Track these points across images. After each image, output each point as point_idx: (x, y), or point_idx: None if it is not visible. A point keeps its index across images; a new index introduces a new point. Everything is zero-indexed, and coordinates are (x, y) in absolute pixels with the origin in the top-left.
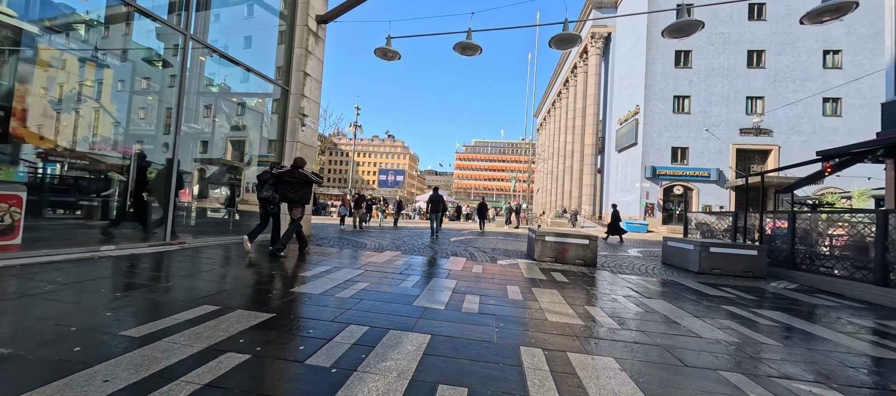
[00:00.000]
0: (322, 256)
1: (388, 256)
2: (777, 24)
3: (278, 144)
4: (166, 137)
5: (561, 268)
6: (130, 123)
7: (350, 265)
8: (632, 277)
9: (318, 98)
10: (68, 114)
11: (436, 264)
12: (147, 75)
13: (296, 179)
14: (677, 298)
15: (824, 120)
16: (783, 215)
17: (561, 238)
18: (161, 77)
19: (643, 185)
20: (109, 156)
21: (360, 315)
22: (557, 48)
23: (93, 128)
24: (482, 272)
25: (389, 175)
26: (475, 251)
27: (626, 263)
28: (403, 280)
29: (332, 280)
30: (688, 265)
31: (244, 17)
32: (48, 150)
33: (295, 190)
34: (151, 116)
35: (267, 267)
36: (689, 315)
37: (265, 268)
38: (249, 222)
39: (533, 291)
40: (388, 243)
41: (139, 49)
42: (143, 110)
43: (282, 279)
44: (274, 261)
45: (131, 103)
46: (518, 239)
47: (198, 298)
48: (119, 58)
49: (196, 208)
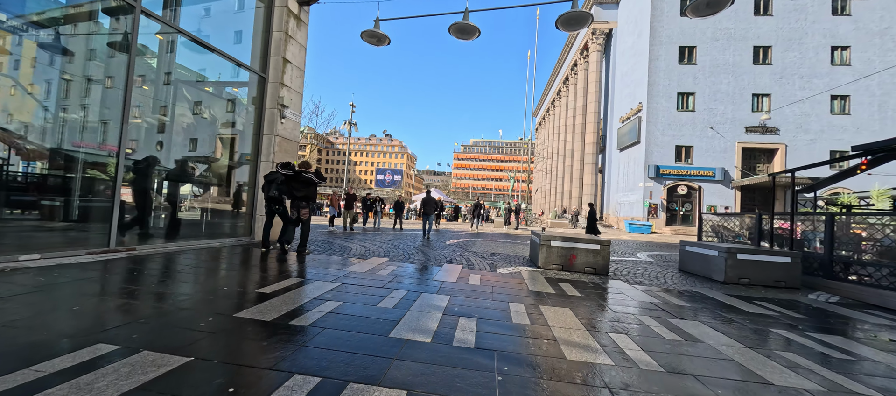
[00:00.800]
0: (297, 264)
1: (374, 263)
2: (784, 19)
3: (255, 138)
4: (114, 127)
5: (569, 277)
6: (67, 109)
7: (325, 276)
8: (652, 288)
9: (301, 88)
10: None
11: (427, 273)
12: (89, 53)
13: (302, 180)
14: (713, 318)
15: (832, 118)
16: (802, 216)
17: (569, 243)
18: (106, 56)
19: (646, 184)
20: (40, 146)
21: (315, 357)
22: (565, 29)
23: (7, 112)
24: (480, 283)
25: (387, 175)
26: (472, 256)
27: (639, 270)
28: (385, 297)
29: (294, 299)
30: (711, 274)
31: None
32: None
33: (301, 189)
34: (93, 101)
35: (223, 280)
36: (738, 345)
37: (220, 281)
38: (222, 222)
39: (541, 310)
40: (377, 248)
41: (76, 19)
42: (79, 93)
43: (233, 297)
44: (237, 271)
45: (67, 86)
46: (517, 242)
47: (98, 331)
48: (48, 28)
49: (164, 208)
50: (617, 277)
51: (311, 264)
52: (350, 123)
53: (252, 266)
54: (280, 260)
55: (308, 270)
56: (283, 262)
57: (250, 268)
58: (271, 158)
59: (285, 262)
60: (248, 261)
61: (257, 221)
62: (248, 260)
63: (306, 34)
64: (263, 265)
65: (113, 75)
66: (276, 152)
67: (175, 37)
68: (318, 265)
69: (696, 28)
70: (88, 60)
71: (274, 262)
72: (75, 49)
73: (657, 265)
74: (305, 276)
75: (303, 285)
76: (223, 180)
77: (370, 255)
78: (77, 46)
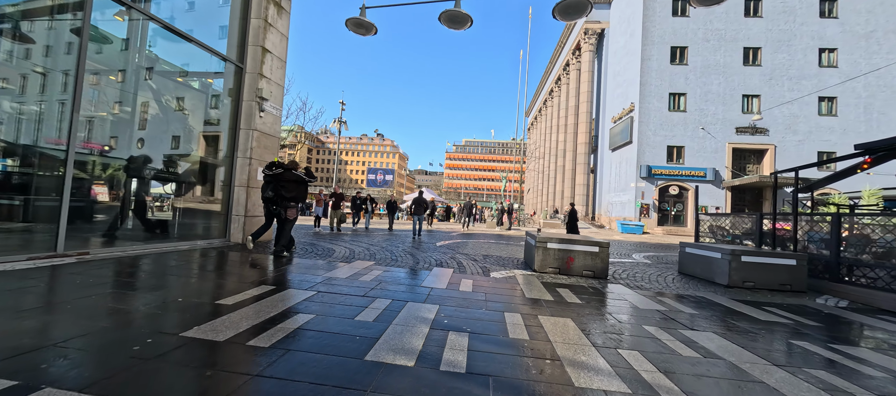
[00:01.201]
0: (273, 268)
1: (358, 268)
2: (773, 20)
3: (231, 132)
4: (64, 118)
5: (567, 282)
6: (7, 97)
7: (301, 283)
8: (655, 294)
9: (282, 80)
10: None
11: (415, 278)
12: (36, 36)
13: (290, 179)
14: (726, 327)
15: (820, 119)
16: (806, 217)
17: (566, 245)
18: (55, 39)
19: (638, 185)
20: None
21: (268, 391)
22: (562, 18)
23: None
24: (472, 289)
25: (378, 174)
26: (464, 258)
27: (638, 273)
28: (365, 308)
29: (259, 312)
30: (714, 277)
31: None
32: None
33: (289, 189)
34: (37, 89)
35: (181, 289)
36: (760, 361)
37: (177, 291)
38: (195, 223)
39: (540, 321)
40: (363, 251)
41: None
42: (22, 80)
43: (186, 310)
44: (202, 278)
45: (6, 72)
46: (510, 243)
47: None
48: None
49: (132, 208)
50: (616, 280)
51: (289, 269)
52: (340, 121)
53: (221, 272)
54: (254, 265)
55: (283, 276)
56: (258, 267)
57: (218, 274)
58: (249, 153)
59: (260, 267)
60: (219, 266)
61: (233, 221)
62: (218, 265)
63: (288, 23)
64: (234, 271)
65: (63, 61)
66: (255, 147)
67: (144, 23)
68: (297, 270)
69: (687, 28)
70: (34, 43)
71: (248, 266)
72: (19, 31)
73: (655, 267)
74: (279, 283)
75: (274, 293)
76: (195, 178)
77: (355, 258)
78: (22, 28)
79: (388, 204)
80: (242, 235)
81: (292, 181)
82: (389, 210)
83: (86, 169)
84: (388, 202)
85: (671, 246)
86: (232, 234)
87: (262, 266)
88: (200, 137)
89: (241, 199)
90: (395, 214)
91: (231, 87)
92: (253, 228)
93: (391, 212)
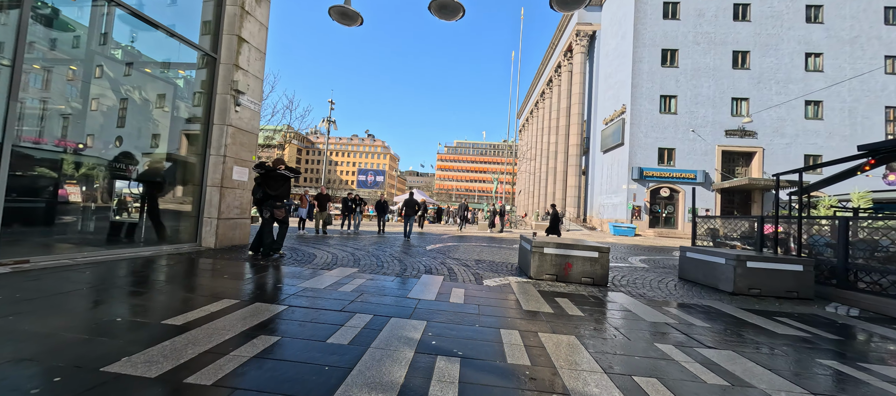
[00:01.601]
0: (242, 278)
1: (339, 275)
2: (761, 25)
3: (204, 128)
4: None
5: (565, 290)
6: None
7: (271, 296)
8: (660, 303)
9: (261, 73)
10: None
11: (401, 288)
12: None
13: (275, 177)
14: (743, 343)
15: (806, 123)
16: (810, 220)
17: (563, 250)
18: None
19: (630, 186)
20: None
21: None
22: (560, 8)
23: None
24: (464, 301)
25: (369, 175)
26: (455, 264)
27: (638, 279)
28: (340, 327)
29: (211, 335)
30: (717, 283)
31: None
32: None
33: (275, 187)
34: None
35: (125, 305)
36: (795, 388)
37: (120, 307)
38: (162, 225)
39: (541, 339)
40: (347, 256)
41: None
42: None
43: (121, 334)
44: (155, 291)
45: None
46: (503, 246)
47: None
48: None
49: (92, 210)
50: (617, 288)
51: (262, 277)
52: (329, 121)
53: (181, 283)
54: (223, 273)
55: (253, 286)
56: (227, 275)
57: (178, 285)
58: (223, 151)
59: (229, 275)
60: (182, 275)
61: (205, 224)
62: (182, 273)
63: (268, 12)
64: (198, 281)
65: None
66: (230, 144)
67: (108, 8)
68: (271, 279)
69: (677, 31)
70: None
71: (216, 275)
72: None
73: (654, 272)
74: (246, 295)
75: (237, 309)
76: (162, 177)
77: (337, 264)
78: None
79: (378, 205)
80: (215, 239)
81: (277, 179)
82: (379, 212)
83: (32, 166)
84: (378, 203)
85: (665, 249)
86: (203, 238)
87: (232, 275)
88: (169, 133)
89: (214, 200)
90: (385, 215)
91: (204, 79)
92: (227, 231)
93: (381, 213)
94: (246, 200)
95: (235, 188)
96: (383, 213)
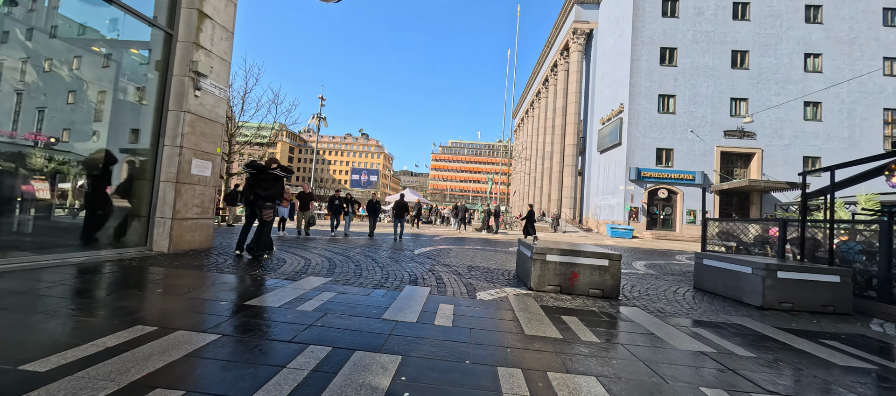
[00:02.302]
0: (180, 292)
1: (304, 287)
2: (760, 24)
3: (156, 114)
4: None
5: (572, 304)
6: None
7: (205, 319)
8: (681, 320)
9: (228, 54)
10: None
11: (377, 305)
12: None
13: (267, 176)
14: (804, 382)
15: (805, 124)
16: (845, 224)
17: (569, 258)
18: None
19: (628, 187)
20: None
21: None
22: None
23: None
24: (452, 323)
25: (363, 175)
26: (444, 271)
27: (650, 289)
28: (279, 370)
29: (90, 383)
30: (741, 296)
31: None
32: None
33: (266, 187)
34: None
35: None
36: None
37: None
38: (104, 226)
39: (552, 384)
40: (321, 262)
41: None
42: None
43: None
44: (54, 311)
45: None
46: (497, 249)
47: None
48: None
49: (17, 207)
50: (630, 301)
51: (205, 291)
52: (319, 117)
53: (95, 302)
54: (156, 286)
55: (187, 305)
56: (160, 289)
57: (86, 306)
58: (179, 141)
59: (164, 289)
60: (103, 289)
61: (157, 225)
62: (105, 287)
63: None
64: (116, 298)
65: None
66: (187, 133)
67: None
68: (215, 292)
69: (676, 30)
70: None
71: (147, 289)
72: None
73: (663, 280)
74: (171, 318)
75: (148, 341)
76: (99, 170)
77: (307, 272)
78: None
79: (369, 205)
80: (169, 242)
81: (269, 178)
82: (371, 212)
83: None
84: (370, 203)
85: (666, 252)
86: (155, 241)
87: (170, 288)
88: (112, 120)
89: (168, 197)
90: (377, 216)
91: (159, 58)
92: (184, 234)
93: (373, 214)
94: (208, 198)
95: (195, 184)
96: (375, 214)
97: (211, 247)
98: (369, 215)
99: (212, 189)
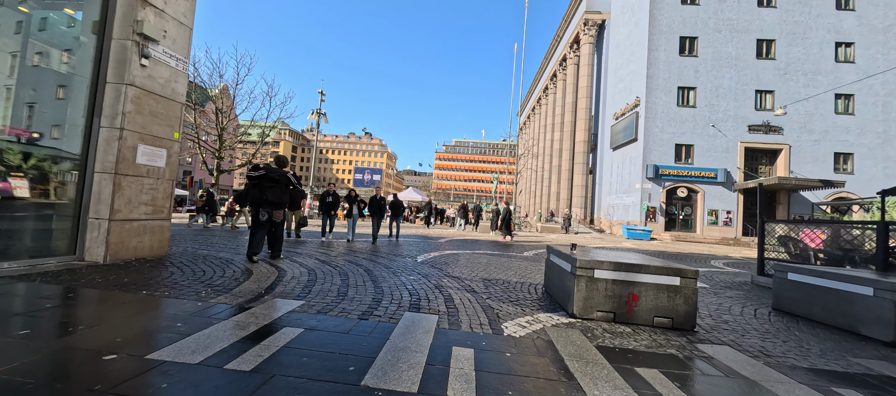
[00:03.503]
0: (86, 320)
1: (256, 319)
2: (787, 11)
3: (91, 88)
4: None
5: (637, 342)
6: None
7: (67, 388)
8: (798, 366)
9: (189, 19)
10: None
11: (358, 354)
12: None
13: (276, 179)
14: None
15: (837, 118)
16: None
17: (625, 274)
18: None
19: (644, 186)
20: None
21: None
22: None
23: None
24: (476, 386)
25: (366, 174)
26: (455, 287)
27: (721, 312)
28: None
29: None
30: (856, 325)
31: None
32: None
33: (275, 193)
34: None
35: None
36: None
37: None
38: (21, 230)
39: None
40: (299, 275)
41: None
42: None
43: None
44: None
45: None
46: (513, 256)
47: None
48: None
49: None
50: (711, 334)
51: (118, 327)
52: (319, 113)
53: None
54: (48, 318)
55: (64, 355)
56: (51, 320)
57: None
58: (120, 121)
59: (56, 322)
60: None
61: (90, 229)
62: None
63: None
64: None
65: None
66: (130, 111)
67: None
68: (130, 327)
69: (697, 17)
70: None
71: (37, 319)
72: None
73: (724, 297)
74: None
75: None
76: (22, 161)
77: (273, 291)
78: None
79: (372, 202)
80: (105, 249)
81: (275, 181)
82: (373, 212)
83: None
84: (372, 199)
85: (696, 257)
86: (87, 248)
87: (61, 321)
88: (22, 91)
89: (105, 193)
90: (382, 217)
91: (96, 19)
92: (127, 239)
93: (376, 214)
94: (163, 193)
95: (143, 177)
96: (379, 214)
97: (166, 255)
98: (372, 216)
99: (167, 183)
